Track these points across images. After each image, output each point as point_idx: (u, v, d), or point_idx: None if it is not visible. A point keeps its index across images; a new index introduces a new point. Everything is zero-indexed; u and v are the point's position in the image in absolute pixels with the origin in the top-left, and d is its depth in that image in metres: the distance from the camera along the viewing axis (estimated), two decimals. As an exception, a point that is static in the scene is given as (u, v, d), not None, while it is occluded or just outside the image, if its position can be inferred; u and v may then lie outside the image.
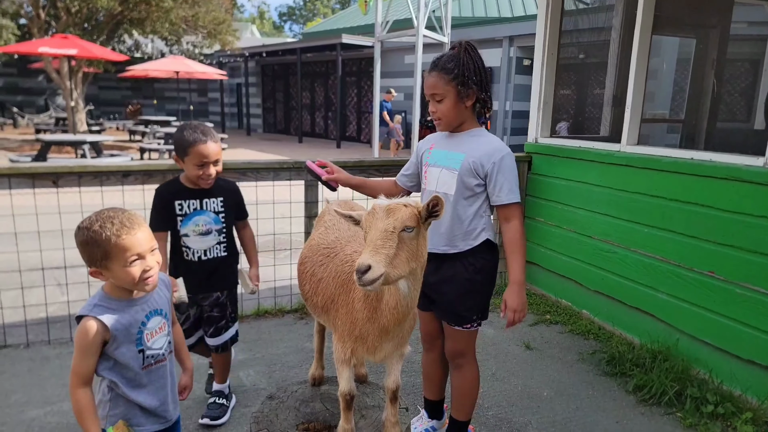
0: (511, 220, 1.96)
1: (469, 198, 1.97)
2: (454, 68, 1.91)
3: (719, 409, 2.63)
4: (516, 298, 1.93)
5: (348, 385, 1.81)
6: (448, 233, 1.98)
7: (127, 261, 1.43)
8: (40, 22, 15.39)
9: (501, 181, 1.92)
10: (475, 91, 1.93)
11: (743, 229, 2.68)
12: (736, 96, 5.48)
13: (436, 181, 2.02)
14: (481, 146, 1.96)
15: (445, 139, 2.08)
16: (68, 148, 13.21)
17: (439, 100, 1.95)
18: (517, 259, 1.94)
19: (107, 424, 1.52)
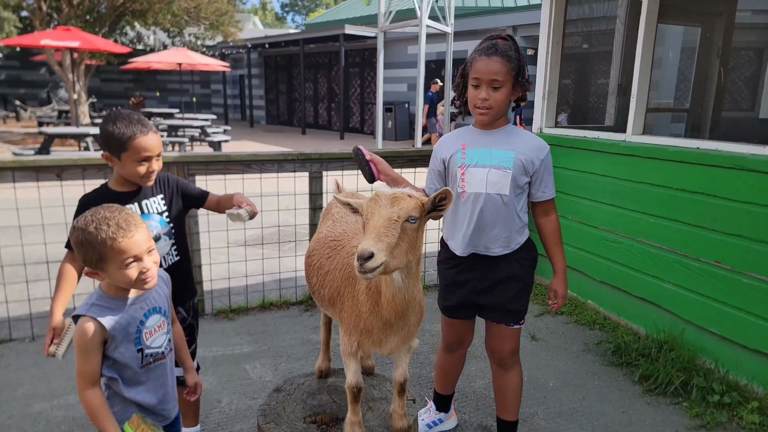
0: (550, 213, 2.03)
1: (518, 196, 1.95)
2: (515, 57, 1.84)
3: (725, 398, 2.63)
4: (564, 286, 2.06)
5: (355, 377, 1.82)
6: (505, 235, 1.94)
7: (124, 263, 1.40)
8: (42, 15, 15.35)
9: (547, 177, 1.95)
10: (522, 87, 1.89)
11: (749, 219, 2.66)
12: (742, 85, 5.42)
13: (483, 182, 1.90)
14: (527, 142, 1.92)
15: (477, 137, 1.96)
16: (71, 141, 13.23)
17: (497, 87, 1.83)
18: (560, 249, 2.05)
19: None
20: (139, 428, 1.44)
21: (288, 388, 2.17)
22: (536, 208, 2.03)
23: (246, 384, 2.82)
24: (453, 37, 12.57)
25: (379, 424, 1.93)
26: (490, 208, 1.91)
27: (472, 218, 1.92)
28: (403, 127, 17.30)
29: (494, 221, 1.92)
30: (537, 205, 2.02)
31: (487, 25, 15.02)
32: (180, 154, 3.41)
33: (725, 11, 4.59)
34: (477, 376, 2.95)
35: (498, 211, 1.91)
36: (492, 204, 1.90)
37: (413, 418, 1.97)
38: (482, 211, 1.91)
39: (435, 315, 3.75)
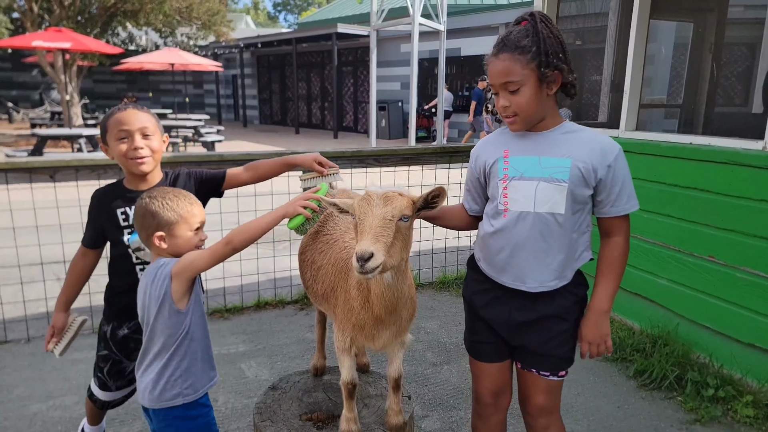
0: (615, 234, 1.58)
1: (577, 213, 1.55)
2: (532, 45, 1.46)
3: (720, 392, 2.65)
4: (594, 329, 1.58)
5: (350, 373, 1.82)
6: (561, 265, 1.56)
7: (193, 226, 1.60)
8: (33, 16, 15.23)
9: (618, 186, 1.52)
10: (562, 72, 1.48)
11: (743, 214, 2.68)
12: (734, 80, 5.45)
13: (531, 199, 1.52)
14: (587, 145, 1.52)
15: (523, 141, 1.58)
16: (64, 143, 13.15)
17: (514, 90, 1.48)
18: (609, 282, 1.58)
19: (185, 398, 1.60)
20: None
21: (284, 386, 2.16)
22: (600, 226, 1.63)
23: (242, 383, 2.82)
24: (446, 34, 12.57)
25: (374, 421, 1.93)
26: (540, 231, 1.53)
27: (515, 243, 1.56)
28: (397, 126, 17.30)
29: (547, 247, 1.54)
30: (601, 222, 1.62)
31: (479, 22, 15.04)
32: (173, 155, 3.40)
33: (717, 7, 4.61)
34: (473, 373, 2.96)
35: (551, 233, 1.53)
36: (543, 225, 1.52)
37: (408, 414, 1.97)
38: (529, 234, 1.54)
39: (430, 313, 3.77)
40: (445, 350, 3.24)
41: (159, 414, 1.62)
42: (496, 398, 1.75)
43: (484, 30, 15.07)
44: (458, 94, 16.08)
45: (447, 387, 2.83)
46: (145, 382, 1.61)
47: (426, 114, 16.16)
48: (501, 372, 1.73)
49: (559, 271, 1.57)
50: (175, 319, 1.57)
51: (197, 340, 1.63)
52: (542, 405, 1.68)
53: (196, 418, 1.64)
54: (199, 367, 1.64)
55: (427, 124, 16.33)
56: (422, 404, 2.67)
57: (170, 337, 1.58)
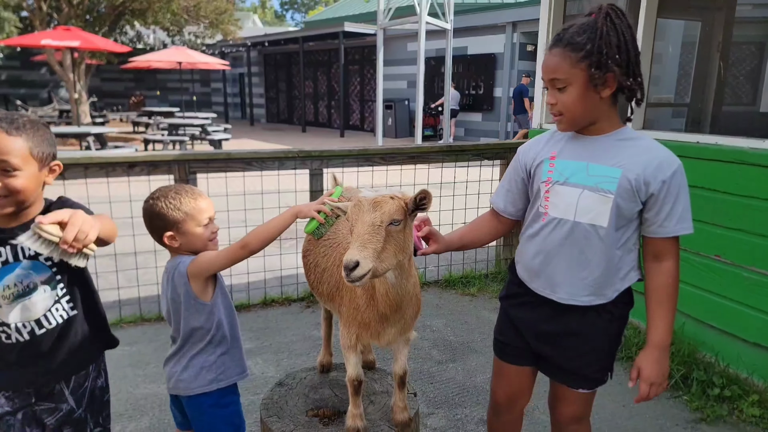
0: (665, 258, 1.45)
1: (621, 228, 1.44)
2: (587, 43, 1.35)
3: (725, 391, 2.65)
4: (656, 367, 1.45)
5: (355, 370, 1.83)
6: (599, 281, 1.46)
7: (202, 222, 1.58)
8: (42, 15, 15.35)
9: (670, 205, 1.40)
10: (616, 75, 1.36)
11: (750, 213, 2.67)
12: (742, 79, 5.42)
13: (573, 206, 1.43)
14: (642, 155, 1.40)
15: (573, 144, 1.48)
16: (72, 141, 13.25)
17: (561, 87, 1.40)
18: (666, 313, 1.46)
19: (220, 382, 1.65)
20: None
21: (290, 382, 2.18)
22: (646, 247, 1.48)
23: (249, 379, 2.82)
24: (452, 33, 12.56)
25: (380, 417, 1.94)
26: (578, 242, 1.44)
27: (550, 250, 1.49)
28: (403, 124, 17.30)
29: (584, 260, 1.45)
30: (648, 243, 1.47)
31: (486, 21, 15.01)
32: (181, 152, 3.43)
33: (725, 5, 4.58)
34: (478, 371, 2.97)
35: (590, 246, 1.43)
36: (581, 236, 1.44)
37: (414, 411, 1.98)
38: (566, 243, 1.46)
39: (436, 311, 3.78)
40: (451, 348, 3.25)
41: (193, 401, 1.64)
42: (510, 402, 1.73)
43: (490, 29, 15.03)
44: (465, 92, 16.05)
45: (452, 385, 2.84)
46: (178, 370, 1.64)
47: (432, 113, 16.15)
48: (520, 376, 1.69)
49: (595, 288, 1.47)
50: (202, 312, 1.60)
51: (229, 327, 1.67)
52: (573, 415, 1.64)
53: (228, 406, 1.69)
54: (232, 354, 1.69)
55: (434, 123, 16.32)
56: (428, 402, 2.68)
57: (201, 329, 1.61)
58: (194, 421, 1.69)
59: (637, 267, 1.52)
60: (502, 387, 1.73)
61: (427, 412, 2.59)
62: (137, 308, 3.56)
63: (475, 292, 4.09)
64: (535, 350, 1.61)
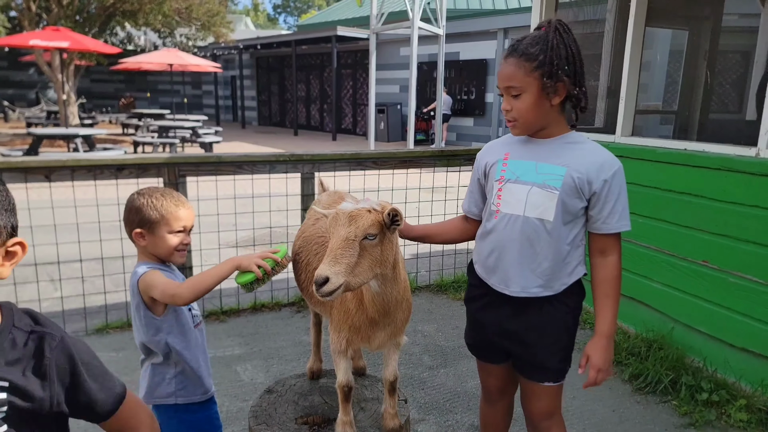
0: (609, 253, 1.57)
1: (568, 224, 1.54)
2: (539, 54, 1.46)
3: (713, 396, 2.66)
4: (603, 354, 1.56)
5: (346, 376, 1.82)
6: (547, 273, 1.56)
7: (174, 229, 1.58)
8: (31, 15, 15.21)
9: (612, 203, 1.51)
10: (565, 84, 1.47)
11: (736, 219, 2.70)
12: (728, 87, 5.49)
13: (522, 202, 1.53)
14: (587, 157, 1.52)
15: (525, 146, 1.59)
16: (60, 142, 13.11)
17: (516, 95, 1.49)
18: (610, 304, 1.57)
19: (177, 398, 1.63)
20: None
21: (279, 389, 2.16)
22: (592, 243, 1.60)
23: (237, 386, 2.82)
24: (445, 38, 12.61)
25: (370, 424, 1.93)
26: (528, 236, 1.54)
27: (503, 245, 1.58)
28: (396, 129, 17.33)
29: (534, 253, 1.54)
30: (593, 239, 1.59)
31: (478, 27, 15.10)
32: (171, 155, 3.40)
33: (712, 15, 4.64)
34: (469, 376, 2.96)
35: (539, 240, 1.53)
36: (531, 230, 1.53)
37: (405, 418, 1.97)
38: (516, 238, 1.55)
39: (427, 316, 3.77)
40: (442, 353, 3.25)
41: (158, 409, 1.65)
42: (501, 392, 1.84)
43: (482, 35, 15.13)
44: (457, 97, 16.12)
45: (443, 390, 2.84)
46: (142, 380, 1.66)
47: (425, 117, 16.20)
48: (502, 371, 1.78)
49: (545, 280, 1.57)
50: (150, 326, 1.59)
51: (183, 351, 1.63)
52: (543, 410, 1.70)
53: (196, 413, 1.67)
54: (191, 377, 1.65)
55: (426, 127, 16.36)
56: (419, 407, 2.67)
57: (151, 342, 1.60)
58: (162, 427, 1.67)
59: (583, 262, 1.63)
60: (489, 381, 1.84)
61: (417, 418, 2.59)
62: (124, 313, 3.51)
63: (465, 297, 4.10)
64: (502, 347, 1.70)
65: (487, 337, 1.71)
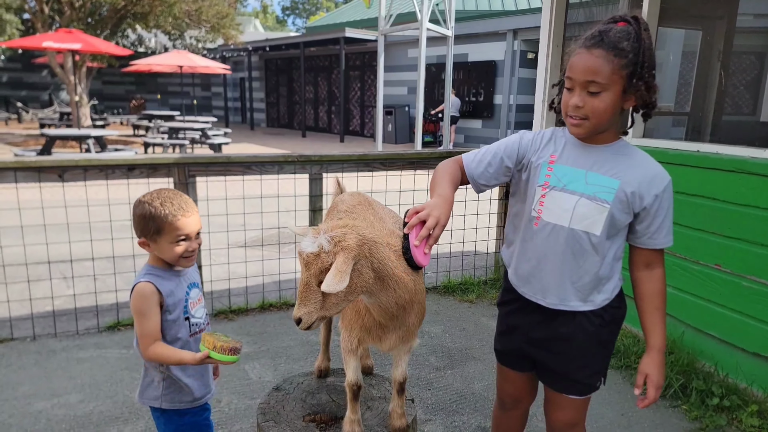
0: (656, 266, 1.50)
1: (612, 238, 1.47)
2: (630, 51, 1.32)
3: (724, 401, 2.63)
4: (662, 370, 1.49)
5: (355, 375, 1.82)
6: (588, 287, 1.48)
7: (176, 239, 1.56)
8: (44, 17, 15.39)
9: (661, 219, 1.44)
10: (644, 91, 1.36)
11: (750, 222, 2.67)
12: (743, 88, 5.44)
13: (569, 213, 1.43)
14: (637, 169, 1.42)
15: (573, 151, 1.46)
16: (72, 143, 13.25)
17: (595, 91, 1.34)
18: (663, 318, 1.49)
19: (162, 403, 1.63)
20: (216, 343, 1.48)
21: (287, 387, 2.17)
22: (636, 257, 1.51)
23: (245, 384, 2.82)
24: (453, 40, 12.60)
25: (377, 423, 1.93)
26: (572, 248, 1.45)
27: (544, 255, 1.49)
28: (403, 130, 17.33)
29: (576, 266, 1.47)
30: (638, 253, 1.50)
31: (487, 28, 15.07)
32: (181, 156, 3.42)
33: (726, 15, 4.60)
34: (476, 378, 2.95)
35: (582, 253, 1.45)
36: (575, 243, 1.45)
37: (411, 417, 1.97)
38: (559, 249, 1.46)
39: (434, 317, 3.76)
40: (449, 355, 3.24)
41: (151, 410, 1.68)
42: (516, 401, 1.78)
43: (491, 36, 15.09)
44: (465, 99, 16.10)
45: (450, 392, 2.83)
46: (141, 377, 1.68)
47: (433, 119, 16.18)
48: (522, 380, 1.72)
49: (584, 294, 1.49)
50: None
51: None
52: (566, 421, 1.64)
53: (184, 416, 1.67)
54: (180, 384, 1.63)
55: (434, 129, 16.35)
56: (425, 408, 2.66)
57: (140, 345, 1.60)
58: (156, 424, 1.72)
59: (621, 275, 1.56)
60: (506, 389, 1.77)
61: (424, 418, 2.58)
62: (134, 311, 3.54)
63: (473, 298, 4.08)
64: (529, 355, 1.63)
65: (516, 344, 1.64)
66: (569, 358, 1.54)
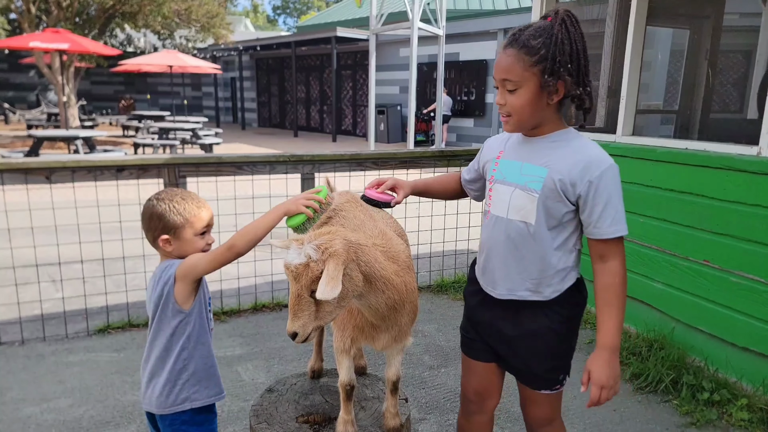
0: (609, 259, 1.44)
1: (555, 229, 1.45)
2: (541, 48, 1.34)
3: (715, 396, 2.66)
4: (607, 370, 1.40)
5: (348, 375, 1.81)
6: (534, 277, 1.48)
7: (199, 231, 1.58)
8: (31, 17, 15.22)
9: (601, 206, 1.39)
10: (568, 83, 1.37)
11: (737, 218, 2.69)
12: (729, 86, 5.49)
13: (506, 204, 1.47)
14: (571, 156, 1.41)
15: (518, 146, 1.52)
16: (61, 144, 13.11)
17: (512, 89, 1.39)
18: (614, 314, 1.42)
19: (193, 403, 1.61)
20: None
21: (280, 388, 2.16)
22: (590, 249, 1.48)
23: (238, 386, 2.81)
24: (445, 39, 12.61)
25: (371, 423, 1.93)
26: (512, 239, 1.47)
27: (491, 246, 1.54)
28: (396, 130, 17.33)
29: (519, 257, 1.47)
30: (590, 245, 1.47)
31: (478, 27, 15.10)
32: (171, 156, 3.40)
33: (713, 14, 4.65)
34: (469, 376, 2.96)
35: (523, 243, 1.46)
36: (515, 233, 1.47)
37: (405, 416, 1.97)
38: (502, 240, 1.49)
39: (428, 316, 3.77)
40: (443, 353, 3.25)
41: (166, 420, 1.62)
42: (481, 399, 1.72)
43: (482, 35, 15.14)
44: (457, 98, 16.13)
45: (444, 390, 2.83)
46: (153, 387, 1.61)
47: (425, 118, 16.20)
48: (487, 372, 1.68)
49: (533, 284, 1.49)
50: (178, 319, 1.57)
51: (203, 345, 1.63)
52: (542, 417, 1.64)
53: (202, 424, 1.65)
54: (207, 373, 1.65)
55: (426, 128, 16.37)
56: (419, 407, 2.67)
57: (173, 337, 1.58)
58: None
59: (577, 267, 1.55)
60: (470, 384, 1.73)
61: (418, 417, 2.58)
62: (125, 314, 3.51)
63: (466, 297, 4.09)
64: (493, 347, 1.64)
65: (480, 335, 1.66)
66: (530, 353, 1.55)
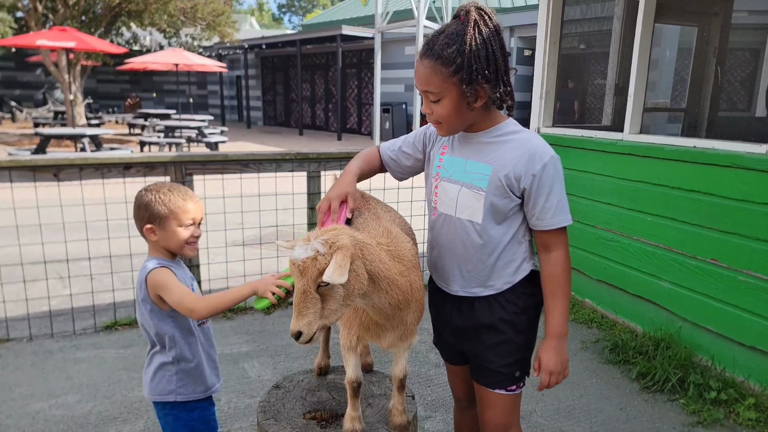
0: (553, 249, 1.45)
1: (503, 223, 1.45)
2: (456, 56, 1.30)
3: (722, 395, 2.65)
4: (554, 356, 1.44)
5: (355, 372, 1.81)
6: (484, 273, 1.49)
7: (184, 223, 1.60)
8: (38, 15, 15.31)
9: (544, 198, 1.39)
10: (487, 89, 1.34)
11: (746, 217, 2.68)
12: (738, 84, 5.46)
13: (454, 203, 1.46)
14: (514, 151, 1.40)
15: (460, 141, 1.49)
16: (67, 142, 13.18)
17: (435, 100, 1.37)
18: (559, 302, 1.44)
19: (177, 396, 1.65)
20: None
21: (287, 385, 2.16)
22: (535, 239, 1.49)
23: (245, 383, 2.82)
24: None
25: (378, 420, 1.93)
26: (461, 237, 1.48)
27: (441, 244, 1.54)
28: (401, 128, 17.30)
29: (468, 254, 1.48)
30: (535, 236, 1.49)
31: (483, 25, 15.06)
32: (177, 154, 3.41)
33: (722, 11, 4.62)
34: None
35: (471, 241, 1.47)
36: (463, 232, 1.47)
37: (412, 414, 1.97)
38: (451, 239, 1.50)
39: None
40: (448, 351, 3.25)
41: (156, 406, 1.68)
42: (470, 397, 1.71)
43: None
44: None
45: (450, 388, 2.83)
46: (146, 374, 1.68)
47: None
48: (466, 374, 1.68)
49: (483, 279, 1.50)
50: (158, 318, 1.61)
51: (190, 344, 1.65)
52: (495, 421, 1.56)
53: (193, 411, 1.69)
54: (193, 374, 1.67)
55: (430, 127, 16.34)
56: (425, 405, 2.67)
57: (158, 335, 1.63)
58: (160, 423, 1.71)
59: (529, 258, 1.53)
60: (456, 385, 1.75)
61: (424, 415, 2.58)
62: (132, 311, 3.53)
63: (471, 295, 4.09)
64: (459, 347, 1.62)
65: (445, 336, 1.65)
66: (486, 346, 1.53)
